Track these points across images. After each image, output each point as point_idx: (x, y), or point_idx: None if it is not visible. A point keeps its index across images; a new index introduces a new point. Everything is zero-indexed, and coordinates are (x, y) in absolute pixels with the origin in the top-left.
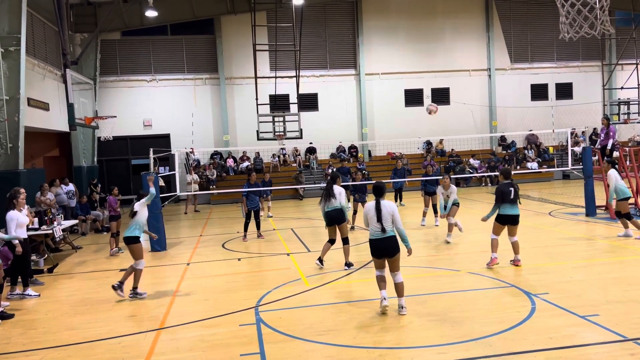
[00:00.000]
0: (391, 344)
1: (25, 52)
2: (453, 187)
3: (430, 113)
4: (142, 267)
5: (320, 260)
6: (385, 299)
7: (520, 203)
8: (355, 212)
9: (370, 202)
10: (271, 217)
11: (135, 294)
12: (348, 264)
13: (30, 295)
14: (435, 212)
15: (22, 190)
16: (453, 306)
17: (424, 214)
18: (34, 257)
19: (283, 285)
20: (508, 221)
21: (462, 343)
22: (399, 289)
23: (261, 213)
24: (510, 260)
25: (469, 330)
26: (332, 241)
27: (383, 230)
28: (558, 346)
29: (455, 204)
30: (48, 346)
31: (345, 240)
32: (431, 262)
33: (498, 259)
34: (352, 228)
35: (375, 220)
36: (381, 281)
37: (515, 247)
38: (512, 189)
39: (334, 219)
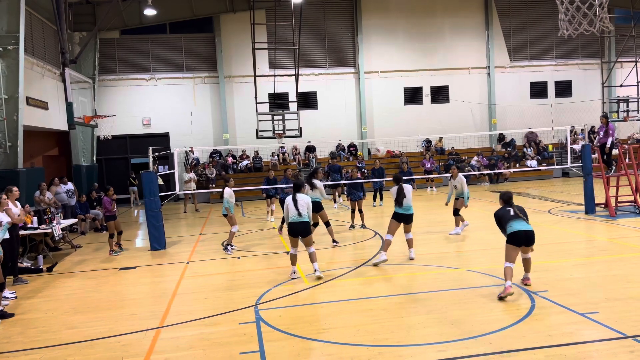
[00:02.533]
0: (391, 342)
1: (24, 51)
2: (461, 177)
3: (379, 152)
4: (235, 230)
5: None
6: (294, 272)
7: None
8: (353, 211)
9: (290, 196)
10: (272, 221)
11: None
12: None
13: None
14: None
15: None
16: (452, 304)
17: None
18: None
19: (282, 284)
20: (522, 241)
21: (462, 341)
22: (312, 257)
23: (268, 217)
24: (521, 280)
25: (468, 328)
26: (315, 225)
27: (299, 215)
28: (558, 344)
29: (460, 197)
30: (47, 345)
31: (327, 223)
32: (430, 259)
33: (512, 288)
34: (352, 226)
35: (294, 208)
36: (294, 259)
37: (526, 264)
38: (510, 209)
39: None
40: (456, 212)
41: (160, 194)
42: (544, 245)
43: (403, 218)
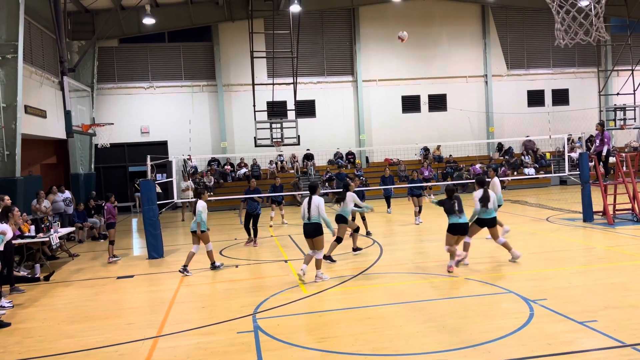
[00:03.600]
0: (389, 351)
1: (23, 59)
2: (495, 180)
3: (402, 40)
4: (210, 248)
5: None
6: (302, 270)
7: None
8: (353, 219)
9: (306, 198)
10: (286, 223)
11: (213, 267)
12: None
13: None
14: (420, 211)
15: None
16: (451, 313)
17: (415, 214)
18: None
19: (281, 292)
20: (458, 231)
21: (461, 350)
22: (317, 263)
23: (271, 223)
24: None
25: (467, 336)
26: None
27: (309, 218)
28: (557, 352)
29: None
30: (44, 355)
31: (339, 240)
32: (429, 268)
33: (454, 267)
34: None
35: (306, 211)
36: (308, 259)
37: (466, 247)
38: (454, 202)
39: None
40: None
41: (158, 202)
42: (542, 253)
43: (486, 222)
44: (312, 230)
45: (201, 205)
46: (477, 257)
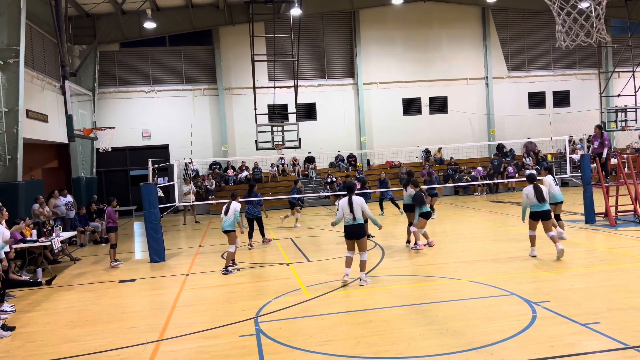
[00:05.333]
0: (392, 354)
1: (24, 64)
2: (546, 179)
3: None
4: (233, 250)
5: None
6: (347, 275)
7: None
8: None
9: (344, 198)
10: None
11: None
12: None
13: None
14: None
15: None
16: (453, 315)
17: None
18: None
19: (283, 296)
20: (427, 216)
21: (463, 352)
22: (362, 265)
23: (297, 224)
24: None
25: (469, 339)
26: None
27: (354, 218)
28: (559, 354)
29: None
30: (46, 359)
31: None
32: (431, 270)
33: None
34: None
35: (348, 212)
36: (349, 261)
37: (426, 235)
38: (423, 194)
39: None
40: (557, 217)
41: (159, 206)
42: (544, 255)
43: (540, 215)
44: (358, 232)
45: (238, 205)
46: (479, 260)
